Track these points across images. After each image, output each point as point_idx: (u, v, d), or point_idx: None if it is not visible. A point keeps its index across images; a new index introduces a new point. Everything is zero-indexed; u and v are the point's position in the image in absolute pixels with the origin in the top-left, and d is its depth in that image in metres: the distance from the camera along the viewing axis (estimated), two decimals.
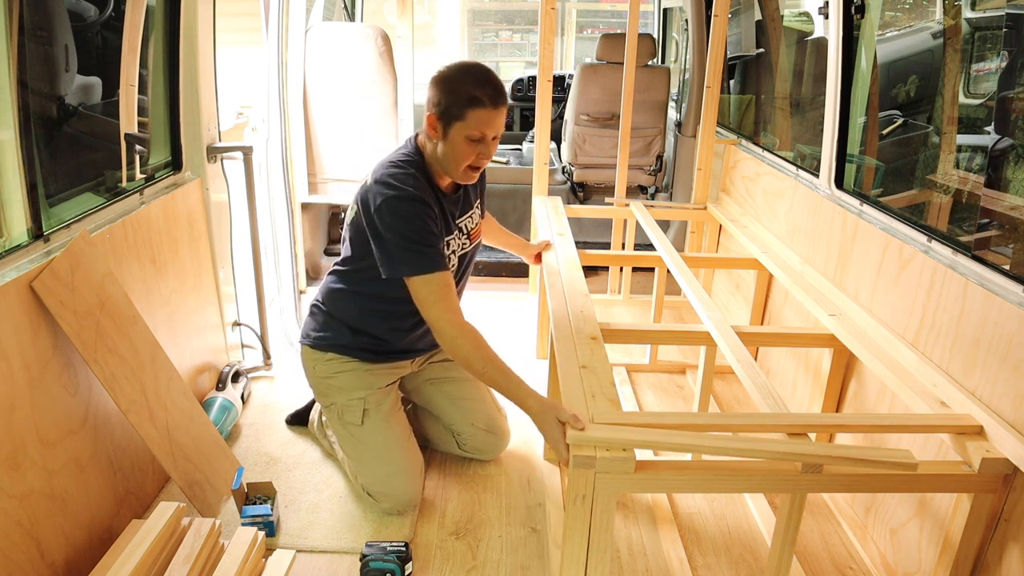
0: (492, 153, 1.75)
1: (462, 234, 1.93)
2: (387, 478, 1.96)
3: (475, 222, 1.99)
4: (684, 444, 1.43)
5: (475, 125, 1.67)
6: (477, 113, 1.66)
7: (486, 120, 1.67)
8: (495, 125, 1.70)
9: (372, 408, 1.96)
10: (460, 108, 1.66)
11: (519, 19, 7.29)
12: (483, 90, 1.66)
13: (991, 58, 2.32)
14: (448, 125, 1.69)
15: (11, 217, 1.58)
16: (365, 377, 1.99)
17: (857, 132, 2.41)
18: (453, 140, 1.70)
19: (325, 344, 2.01)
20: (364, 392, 1.97)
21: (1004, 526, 1.43)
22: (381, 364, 2.02)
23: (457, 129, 1.68)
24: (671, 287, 2.86)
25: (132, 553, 1.55)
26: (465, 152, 1.71)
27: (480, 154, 1.72)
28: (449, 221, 1.87)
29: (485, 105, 1.65)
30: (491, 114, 1.67)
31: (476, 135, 1.68)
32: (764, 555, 1.90)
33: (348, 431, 1.99)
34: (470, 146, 1.70)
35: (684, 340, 2.35)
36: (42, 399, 1.55)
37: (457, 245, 1.92)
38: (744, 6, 3.93)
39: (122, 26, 2.04)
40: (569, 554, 1.42)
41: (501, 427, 2.19)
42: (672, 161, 4.18)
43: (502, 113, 1.71)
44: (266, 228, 2.93)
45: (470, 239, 1.97)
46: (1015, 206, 1.88)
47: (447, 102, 1.67)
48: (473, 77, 1.67)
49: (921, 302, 1.76)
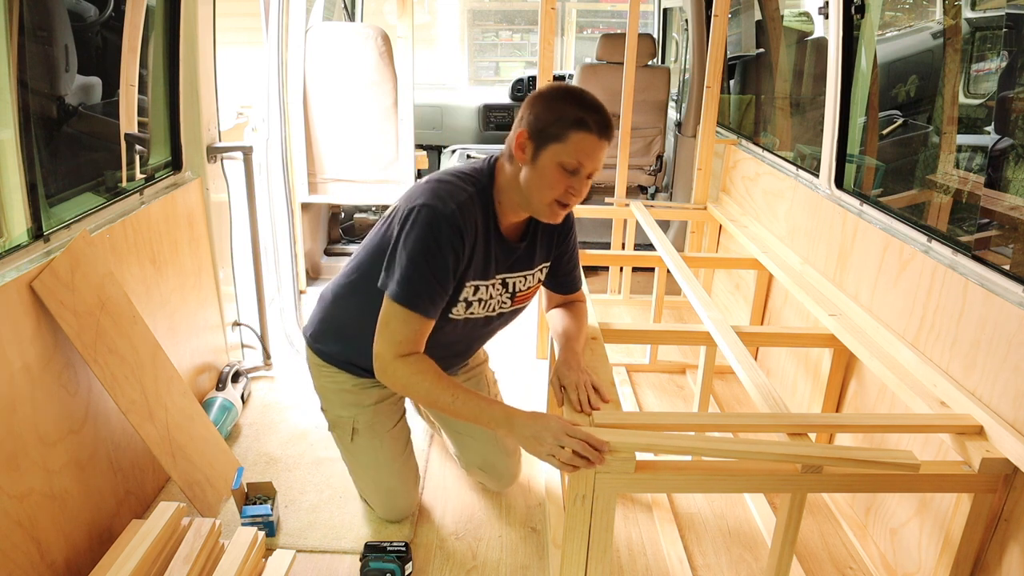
0: (583, 193, 1.49)
1: (505, 291, 1.65)
2: (377, 491, 1.95)
3: (528, 285, 1.69)
4: (685, 447, 1.43)
5: (574, 151, 1.43)
6: (580, 137, 1.43)
7: (588, 148, 1.44)
8: (596, 158, 1.46)
9: (362, 428, 1.87)
10: (561, 128, 1.43)
11: (519, 19, 7.29)
12: (593, 115, 1.43)
13: (991, 58, 2.32)
14: (542, 146, 1.45)
15: (11, 217, 1.58)
16: (355, 394, 1.86)
17: (857, 132, 2.41)
18: (544, 165, 1.45)
19: (320, 353, 1.88)
20: (354, 411, 1.86)
21: (1004, 526, 1.43)
22: (371, 380, 1.82)
23: (552, 152, 1.44)
24: (671, 287, 2.86)
25: (132, 553, 1.55)
26: (555, 181, 1.46)
27: (571, 189, 1.47)
28: (490, 266, 1.59)
29: (591, 131, 1.43)
30: (595, 143, 1.44)
31: (573, 163, 1.44)
32: (764, 555, 1.90)
33: (342, 445, 1.94)
34: (562, 176, 1.45)
35: (684, 340, 2.35)
36: (42, 399, 1.55)
37: (491, 297, 1.63)
38: (744, 6, 3.93)
39: (122, 26, 2.03)
40: (569, 554, 1.42)
41: (497, 467, 2.02)
42: (672, 161, 4.19)
43: (604, 148, 1.47)
44: (266, 228, 2.93)
45: (513, 300, 1.68)
46: (1015, 206, 1.88)
47: (546, 120, 1.45)
48: (581, 100, 1.45)
49: (921, 302, 1.76)
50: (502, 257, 1.60)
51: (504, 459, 2.02)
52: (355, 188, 3.57)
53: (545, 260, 1.72)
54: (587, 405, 1.49)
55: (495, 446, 2.01)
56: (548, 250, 1.71)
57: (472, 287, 1.58)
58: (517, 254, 1.63)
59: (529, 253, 1.65)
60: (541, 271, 1.72)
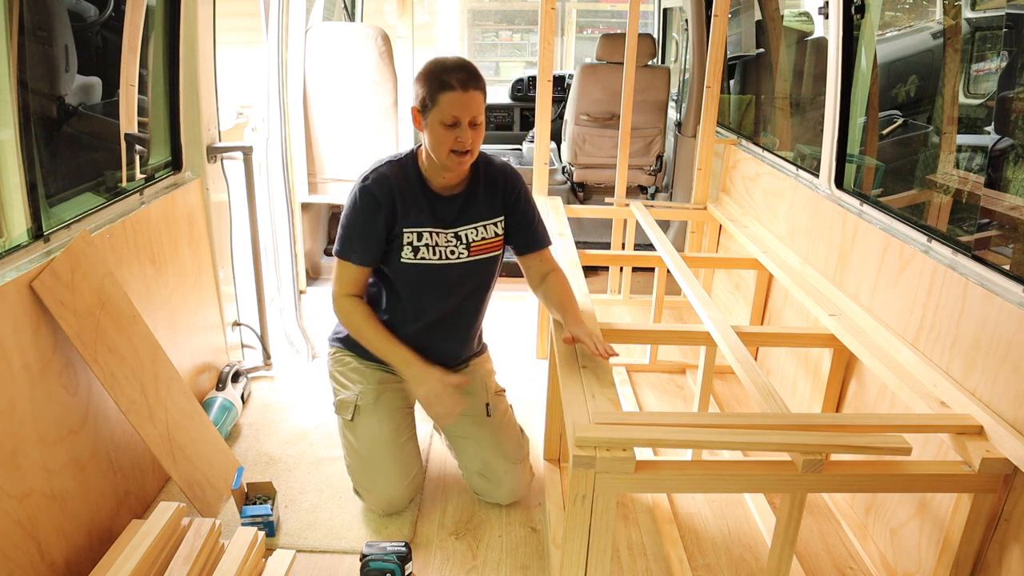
0: (472, 140, 1.75)
1: (460, 242, 1.90)
2: (369, 473, 1.97)
3: (483, 236, 1.93)
4: (683, 440, 1.43)
5: (447, 108, 1.70)
6: (447, 96, 1.70)
7: (457, 103, 1.70)
8: (469, 108, 1.72)
9: (364, 405, 1.97)
10: (432, 94, 1.71)
11: (519, 19, 7.30)
12: (453, 75, 1.70)
13: (991, 58, 2.32)
14: (426, 115, 1.74)
15: (11, 217, 1.58)
16: (361, 372, 2.01)
17: (857, 132, 2.41)
18: (432, 128, 1.74)
19: (334, 337, 2.10)
20: (358, 388, 1.99)
21: (1004, 526, 1.43)
22: (376, 364, 2.01)
23: (433, 115, 1.73)
24: (671, 287, 2.86)
25: (132, 553, 1.55)
26: (443, 137, 1.74)
27: (459, 139, 1.73)
28: (423, 215, 1.86)
29: (454, 88, 1.69)
30: (461, 96, 1.70)
31: (449, 119, 1.71)
32: (764, 555, 1.90)
33: (344, 427, 2.00)
34: (447, 131, 1.73)
35: (684, 340, 2.35)
36: (42, 399, 1.55)
37: (438, 244, 1.88)
38: (744, 6, 3.93)
39: (122, 26, 2.04)
40: (569, 554, 1.42)
41: (496, 473, 2.02)
42: (672, 161, 4.19)
43: (474, 97, 1.72)
44: (266, 228, 2.93)
45: (469, 251, 1.91)
46: (1015, 206, 1.88)
47: (422, 93, 1.73)
48: (443, 65, 1.73)
49: (921, 302, 1.76)
50: (441, 209, 1.88)
51: (502, 462, 2.02)
52: None
53: (496, 215, 1.94)
54: (603, 349, 1.66)
55: (494, 450, 2.01)
56: (495, 205, 1.94)
57: (414, 233, 1.87)
58: (457, 206, 1.90)
59: (472, 206, 1.91)
60: (496, 225, 1.94)
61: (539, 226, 2.00)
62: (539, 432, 2.33)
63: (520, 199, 1.95)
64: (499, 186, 1.93)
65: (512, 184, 1.95)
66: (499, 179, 1.93)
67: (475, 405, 2.02)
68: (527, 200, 1.98)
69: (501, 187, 1.93)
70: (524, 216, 1.96)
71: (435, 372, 1.87)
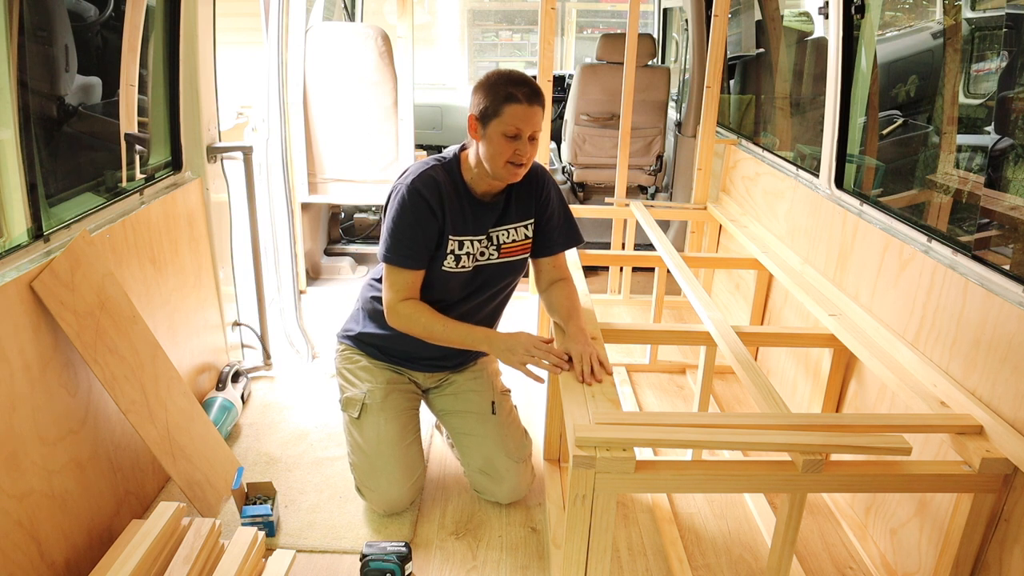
0: (530, 153, 1.80)
1: (491, 244, 1.93)
2: (372, 473, 1.97)
3: (513, 239, 1.96)
4: (683, 440, 1.43)
5: (510, 120, 1.74)
6: (512, 109, 1.73)
7: (521, 116, 1.74)
8: (531, 122, 1.76)
9: (371, 404, 1.98)
10: (497, 105, 1.74)
11: (519, 19, 7.29)
12: (519, 89, 1.74)
13: (991, 58, 2.32)
14: (486, 124, 1.77)
15: (11, 217, 1.58)
16: (370, 371, 2.03)
17: (857, 132, 2.41)
18: (491, 137, 1.77)
19: (344, 334, 2.12)
20: (366, 386, 2.00)
21: (1004, 526, 1.43)
22: (386, 363, 2.05)
23: (494, 126, 1.75)
24: (671, 287, 2.87)
25: (132, 553, 1.55)
26: (503, 147, 1.77)
27: (517, 151, 1.77)
28: (467, 223, 1.88)
29: (520, 101, 1.73)
30: (526, 110, 1.74)
31: (512, 131, 1.74)
32: (764, 555, 1.90)
33: (350, 425, 2.01)
34: (507, 142, 1.76)
35: (684, 340, 2.35)
36: (42, 399, 1.55)
37: (475, 250, 1.91)
38: (744, 6, 3.93)
39: (122, 26, 2.04)
40: (569, 554, 1.42)
41: (499, 470, 2.03)
42: (672, 161, 4.19)
43: (537, 112, 1.76)
44: (266, 228, 2.93)
45: (500, 252, 1.94)
46: (1015, 206, 1.88)
47: (485, 102, 1.76)
48: (509, 77, 1.77)
49: (921, 302, 1.76)
50: (482, 216, 1.90)
51: (504, 459, 2.02)
52: (355, 188, 3.57)
53: (528, 217, 1.97)
54: (589, 376, 1.66)
55: (498, 447, 2.01)
56: (528, 208, 1.96)
57: (456, 242, 1.87)
58: (497, 212, 1.92)
59: (507, 210, 1.94)
60: (527, 227, 1.98)
61: (560, 231, 2.00)
62: (539, 432, 2.33)
63: (551, 201, 1.98)
64: (533, 189, 1.95)
65: (543, 186, 1.97)
66: (534, 181, 1.95)
67: (480, 403, 2.04)
68: (558, 202, 2.00)
69: (536, 190, 1.96)
70: (550, 219, 1.98)
71: (520, 334, 1.82)
